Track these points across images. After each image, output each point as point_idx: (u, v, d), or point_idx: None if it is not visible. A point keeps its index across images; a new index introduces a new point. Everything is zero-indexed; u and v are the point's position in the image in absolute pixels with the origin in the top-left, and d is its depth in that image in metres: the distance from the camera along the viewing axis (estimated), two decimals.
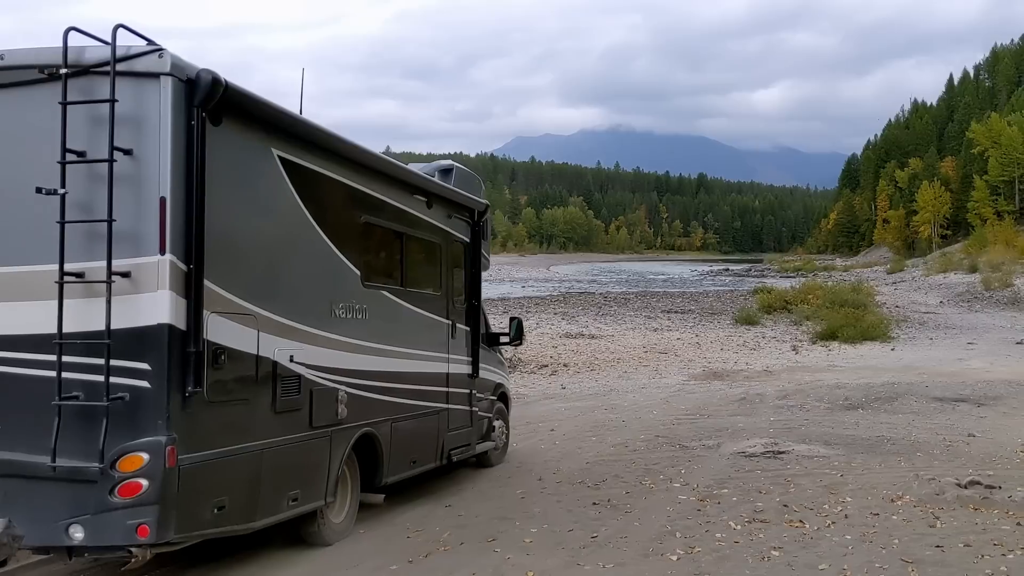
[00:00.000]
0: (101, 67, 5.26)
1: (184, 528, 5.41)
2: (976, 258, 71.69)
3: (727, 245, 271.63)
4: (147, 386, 5.21)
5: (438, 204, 8.99)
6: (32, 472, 5.24)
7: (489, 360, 10.48)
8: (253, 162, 6.06)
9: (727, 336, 30.84)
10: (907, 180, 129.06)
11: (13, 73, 5.44)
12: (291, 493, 6.42)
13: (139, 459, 5.15)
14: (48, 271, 5.26)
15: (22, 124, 5.51)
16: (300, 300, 6.55)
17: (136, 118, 5.25)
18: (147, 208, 5.23)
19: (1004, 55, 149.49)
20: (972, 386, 17.33)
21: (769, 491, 8.88)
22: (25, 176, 5.36)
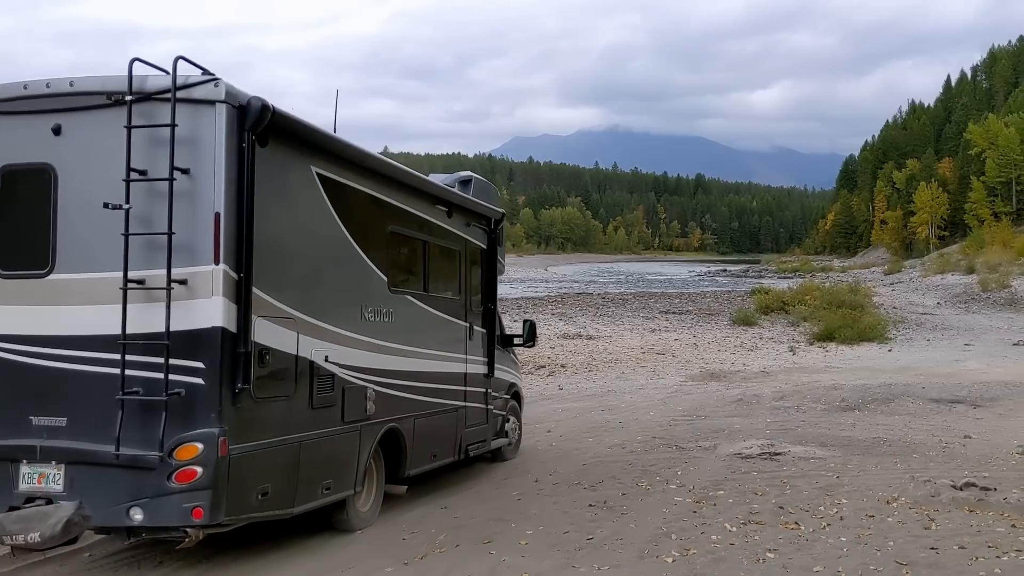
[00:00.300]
0: (162, 94, 5.84)
1: (233, 511, 5.92)
2: (973, 259, 71.84)
3: (725, 246, 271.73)
4: (201, 383, 5.77)
5: (458, 213, 9.50)
6: (97, 460, 5.77)
7: (504, 360, 10.95)
8: (294, 178, 6.62)
9: (724, 337, 30.87)
10: (905, 181, 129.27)
11: (82, 98, 6.01)
12: (325, 482, 6.93)
13: (194, 449, 5.70)
14: (113, 278, 5.85)
15: (90, 144, 6.05)
16: (334, 304, 7.08)
17: (193, 140, 5.82)
18: (203, 222, 5.80)
19: (1001, 56, 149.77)
20: (969, 387, 17.37)
21: (765, 493, 8.89)
22: (93, 192, 5.93)
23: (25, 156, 6.16)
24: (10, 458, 5.95)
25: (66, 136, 6.06)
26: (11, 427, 6.01)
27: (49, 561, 6.88)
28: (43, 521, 5.62)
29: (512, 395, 11.31)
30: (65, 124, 6.06)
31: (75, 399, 5.93)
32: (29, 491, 5.87)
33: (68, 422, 5.91)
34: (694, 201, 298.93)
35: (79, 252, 6.01)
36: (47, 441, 5.92)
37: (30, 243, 6.13)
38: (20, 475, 5.91)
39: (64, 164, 6.07)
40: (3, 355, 6.12)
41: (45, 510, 5.71)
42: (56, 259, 6.05)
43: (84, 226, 6.02)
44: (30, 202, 6.15)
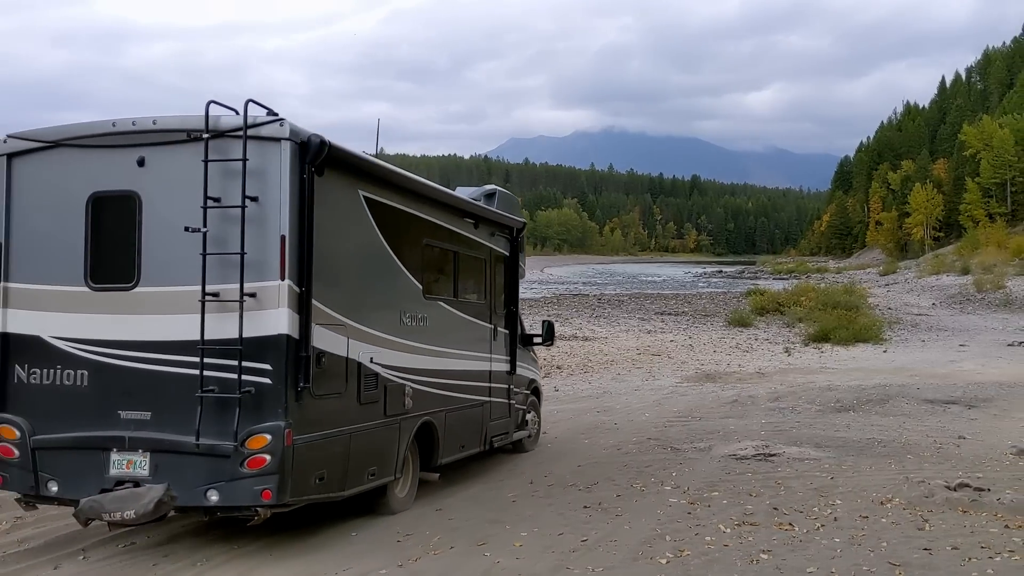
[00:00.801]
0: (234, 132, 6.67)
1: (296, 493, 6.72)
2: (968, 260, 71.98)
3: (720, 247, 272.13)
4: (269, 382, 6.57)
5: (483, 224, 10.36)
6: (179, 448, 6.61)
7: (524, 358, 11.74)
8: (345, 202, 7.43)
9: (720, 338, 30.91)
10: (899, 182, 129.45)
11: (164, 135, 6.88)
12: (370, 469, 7.72)
13: (264, 439, 6.52)
14: (191, 291, 6.67)
15: (170, 174, 6.91)
16: (377, 311, 7.91)
17: (261, 172, 6.64)
18: (270, 243, 6.60)
19: (996, 57, 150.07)
20: (963, 388, 17.40)
21: (759, 494, 8.90)
22: (173, 215, 6.80)
23: (113, 184, 7.00)
24: (102, 447, 6.79)
25: (149, 167, 6.92)
26: (102, 420, 6.84)
27: (45, 564, 6.89)
28: (137, 501, 6.42)
29: (532, 390, 12.03)
30: (148, 157, 6.91)
31: (158, 396, 6.78)
32: (119, 475, 6.72)
33: (152, 416, 6.77)
34: (690, 202, 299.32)
35: (161, 268, 6.87)
36: (134, 432, 6.76)
37: (117, 260, 6.97)
38: (111, 461, 6.77)
39: (147, 191, 6.91)
40: (94, 357, 6.93)
41: (139, 491, 6.51)
42: (141, 274, 6.90)
43: (165, 245, 6.87)
44: (117, 224, 6.98)
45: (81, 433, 6.86)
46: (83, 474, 6.80)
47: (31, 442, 6.92)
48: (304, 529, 7.82)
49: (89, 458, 6.81)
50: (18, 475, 6.98)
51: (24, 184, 7.20)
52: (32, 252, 7.17)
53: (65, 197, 7.09)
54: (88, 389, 6.94)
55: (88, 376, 6.94)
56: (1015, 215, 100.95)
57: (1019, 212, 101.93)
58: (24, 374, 7.07)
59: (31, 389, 7.04)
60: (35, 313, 7.09)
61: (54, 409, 6.96)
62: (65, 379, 6.98)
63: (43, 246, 7.15)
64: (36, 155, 7.21)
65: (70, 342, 6.99)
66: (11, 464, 6.97)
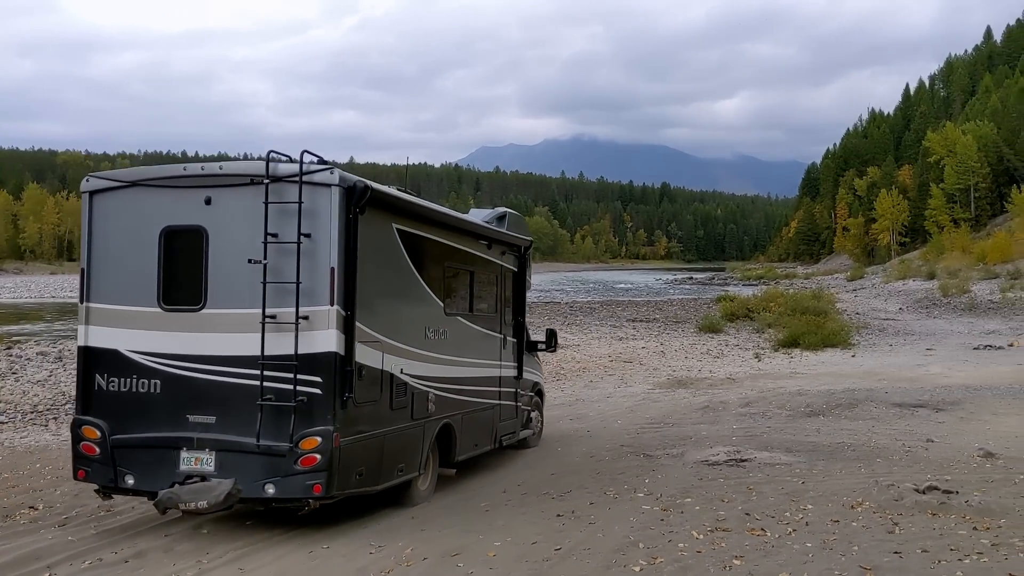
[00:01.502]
0: (290, 178, 7.66)
1: (340, 487, 7.68)
2: (934, 265, 72.98)
3: (690, 254, 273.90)
4: (319, 393, 7.56)
5: (495, 245, 11.36)
6: (241, 448, 7.57)
7: (530, 364, 12.77)
8: (382, 235, 8.38)
9: (691, 344, 31.05)
10: (866, 188, 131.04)
11: (229, 179, 7.95)
12: (400, 465, 8.68)
13: (315, 441, 7.49)
14: (254, 314, 7.62)
15: (233, 212, 7.88)
16: (406, 328, 8.85)
17: (313, 212, 7.61)
18: (321, 274, 7.60)
19: (958, 65, 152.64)
20: (931, 391, 17.61)
21: (732, 499, 8.92)
22: (235, 248, 7.79)
23: (183, 219, 8.00)
24: (173, 446, 7.76)
25: (215, 205, 7.90)
26: (173, 423, 7.80)
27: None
28: (210, 492, 7.35)
29: (536, 392, 13.07)
30: (215, 197, 7.90)
31: (222, 403, 7.74)
32: (188, 471, 7.68)
33: (217, 420, 7.72)
34: (660, 210, 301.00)
35: (224, 293, 7.86)
36: (201, 434, 7.72)
37: (187, 285, 7.97)
38: (181, 459, 7.73)
39: (213, 226, 7.90)
40: (165, 368, 7.92)
41: (210, 484, 7.44)
42: (207, 297, 7.89)
43: (228, 273, 7.84)
44: (186, 254, 7.98)
45: (154, 434, 7.86)
46: (156, 469, 7.77)
47: (110, 441, 7.94)
48: (276, 541, 7.74)
49: (161, 455, 7.80)
50: (99, 469, 7.99)
51: (103, 217, 8.25)
52: (110, 276, 8.21)
53: (140, 229, 8.11)
54: (160, 396, 7.93)
55: (160, 385, 7.94)
56: (979, 220, 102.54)
57: (982, 217, 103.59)
58: (104, 382, 8.09)
59: (110, 395, 8.05)
60: (113, 330, 8.11)
61: (130, 413, 7.97)
62: (140, 387, 7.99)
63: (120, 271, 8.18)
64: (114, 193, 8.27)
65: (144, 355, 8.01)
66: (93, 460, 8.00)
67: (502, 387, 11.50)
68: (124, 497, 8.58)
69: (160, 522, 8.30)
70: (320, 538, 7.83)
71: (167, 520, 8.25)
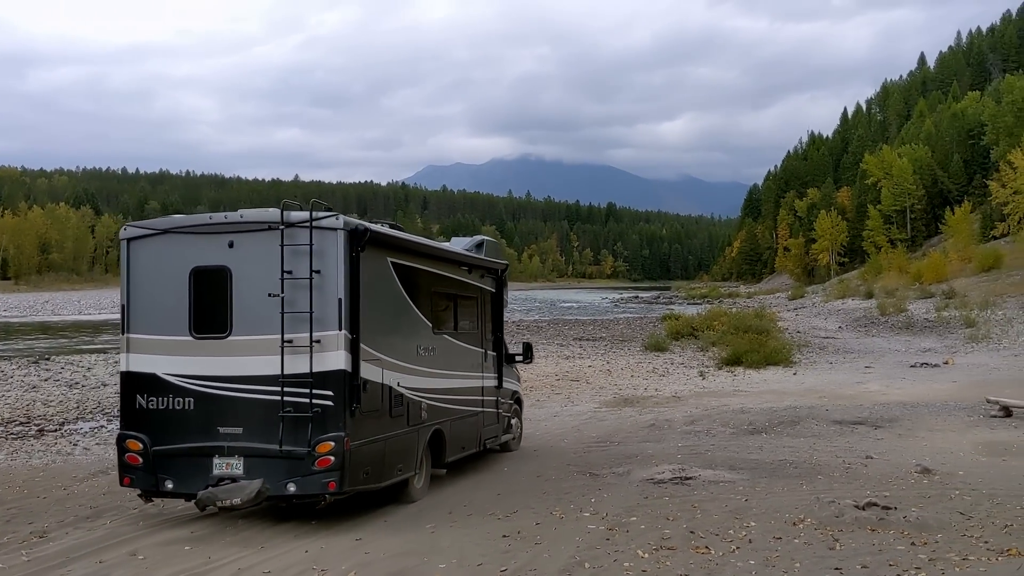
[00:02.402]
0: (302, 224, 8.86)
1: (351, 484, 8.82)
2: (872, 284, 74.68)
3: (636, 273, 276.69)
4: (331, 404, 8.71)
5: (475, 269, 12.66)
6: (266, 454, 8.74)
7: (509, 375, 13.95)
8: (379, 268, 9.55)
9: (637, 363, 31.22)
10: (806, 209, 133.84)
11: (249, 225, 9.13)
12: (399, 466, 9.81)
13: (329, 445, 8.64)
14: (272, 339, 8.81)
15: (253, 253, 9.07)
16: (401, 347, 10.01)
17: (322, 252, 8.80)
18: (330, 304, 8.77)
19: (894, 90, 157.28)
20: (870, 408, 17.94)
21: (676, 517, 8.96)
22: (255, 283, 8.96)
23: (210, 260, 9.18)
24: (207, 454, 8.92)
25: (237, 248, 9.10)
26: (206, 434, 8.97)
27: None
28: (243, 491, 8.52)
29: (515, 400, 14.32)
30: (236, 240, 9.11)
31: (248, 416, 8.90)
32: (220, 475, 8.83)
33: (244, 431, 8.88)
34: (606, 229, 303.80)
35: (247, 321, 9.01)
36: (231, 443, 8.87)
37: (214, 315, 9.10)
38: (214, 464, 8.90)
39: (236, 265, 9.09)
40: (198, 388, 9.06)
41: (243, 484, 8.60)
42: (232, 326, 9.06)
43: (250, 305, 9.00)
44: (214, 289, 9.11)
45: (190, 444, 9.00)
46: (192, 474, 8.91)
47: (151, 452, 9.07)
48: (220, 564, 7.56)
49: (197, 462, 8.94)
50: (142, 476, 9.16)
51: (139, 260, 9.45)
52: (147, 310, 9.37)
53: (173, 269, 9.27)
54: (194, 412, 9.05)
55: (194, 402, 9.07)
56: (914, 241, 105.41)
57: (918, 238, 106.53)
58: (144, 401, 9.22)
59: (150, 413, 9.17)
60: (151, 356, 9.25)
61: (168, 427, 9.09)
62: (176, 405, 9.11)
63: (156, 306, 9.34)
64: (149, 239, 9.45)
65: (179, 377, 9.13)
66: (137, 468, 9.16)
67: (484, 396, 12.69)
68: None
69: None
70: (258, 562, 7.66)
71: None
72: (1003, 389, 20.45)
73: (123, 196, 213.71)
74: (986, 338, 37.38)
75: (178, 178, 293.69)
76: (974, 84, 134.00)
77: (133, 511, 10.02)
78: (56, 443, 15.72)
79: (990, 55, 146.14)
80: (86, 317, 65.42)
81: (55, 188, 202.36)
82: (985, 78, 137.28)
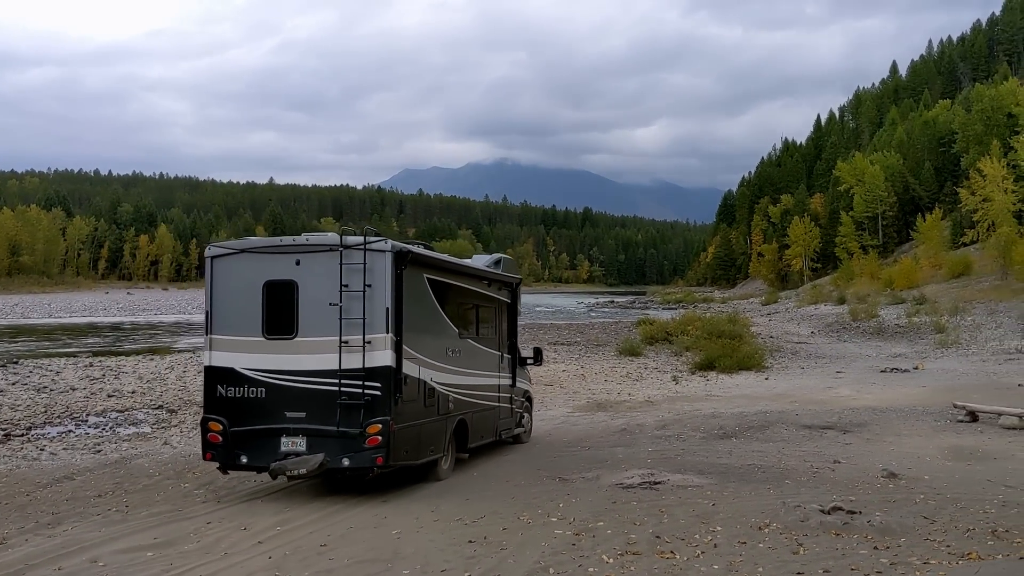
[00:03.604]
0: (357, 247, 10.55)
1: (394, 460, 10.48)
2: (844, 290, 75.27)
3: (612, 277, 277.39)
4: (379, 394, 10.41)
5: (493, 283, 14.48)
6: (325, 434, 10.41)
7: (521, 375, 15.67)
8: (416, 283, 11.30)
9: (611, 367, 31.28)
10: (779, 215, 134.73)
11: (313, 247, 10.88)
12: (431, 447, 11.58)
13: (377, 427, 10.31)
14: (333, 340, 10.46)
15: (316, 269, 10.70)
16: (433, 348, 11.68)
17: (372, 269, 10.50)
18: (378, 311, 10.46)
19: (866, 98, 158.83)
20: (839, 413, 18.08)
21: (643, 522, 8.97)
22: (317, 294, 10.62)
23: (279, 275, 10.85)
24: (276, 434, 10.56)
25: (303, 265, 10.81)
26: (275, 417, 10.61)
27: None
28: (308, 463, 10.17)
29: (526, 398, 16.03)
30: (302, 259, 10.83)
31: (310, 402, 10.55)
32: (287, 451, 10.47)
33: (307, 415, 10.53)
34: (582, 234, 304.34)
35: (310, 325, 10.67)
36: (295, 425, 10.53)
37: (283, 320, 10.78)
38: (281, 443, 10.53)
39: (301, 280, 10.78)
40: (269, 380, 10.72)
41: (307, 457, 10.26)
42: (298, 329, 10.72)
43: (313, 312, 10.65)
44: (282, 299, 10.79)
45: (262, 426, 10.63)
46: (263, 450, 10.53)
47: (230, 432, 10.70)
48: None
49: (267, 441, 10.57)
50: (221, 452, 10.79)
51: (221, 275, 11.17)
52: (226, 316, 11.04)
53: (249, 282, 10.95)
54: (265, 399, 10.71)
55: (265, 391, 10.73)
56: (886, 247, 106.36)
57: (890, 244, 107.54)
58: (224, 390, 10.88)
59: (228, 400, 10.84)
60: (230, 353, 10.92)
61: (243, 411, 10.74)
62: (250, 393, 10.78)
63: (234, 312, 10.99)
64: (229, 257, 11.23)
65: (253, 371, 10.80)
66: (217, 446, 10.78)
67: (500, 393, 14.38)
68: None
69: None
70: (221, 569, 7.57)
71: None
72: (971, 394, 20.68)
73: (95, 198, 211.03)
74: (955, 343, 37.81)
75: (152, 180, 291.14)
76: (945, 92, 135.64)
77: (96, 517, 9.90)
78: (23, 448, 15.50)
79: (960, 64, 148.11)
80: (56, 320, 64.63)
81: (26, 190, 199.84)
82: (956, 87, 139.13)
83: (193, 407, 21.18)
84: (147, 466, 13.66)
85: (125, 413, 20.09)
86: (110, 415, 19.80)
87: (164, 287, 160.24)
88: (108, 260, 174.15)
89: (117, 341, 45.39)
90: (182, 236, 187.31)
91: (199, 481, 12.15)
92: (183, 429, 18.07)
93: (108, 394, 22.85)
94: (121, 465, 13.82)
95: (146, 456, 14.70)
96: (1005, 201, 69.17)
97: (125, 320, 67.03)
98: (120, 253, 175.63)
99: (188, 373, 27.67)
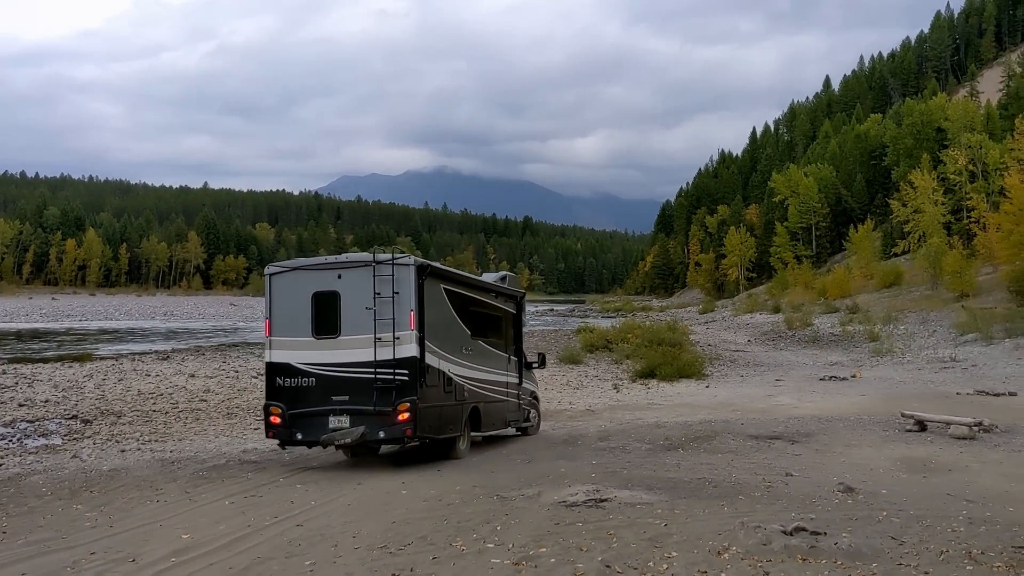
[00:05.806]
0: (386, 263, 12.87)
1: (421, 432, 12.74)
2: (779, 299, 76.07)
3: (552, 286, 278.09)
4: (407, 379, 12.63)
5: (500, 295, 16.76)
6: (365, 412, 12.71)
7: (528, 377, 17.95)
8: (435, 291, 13.46)
9: (552, 375, 30.48)
10: (716, 226, 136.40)
11: (352, 263, 13.25)
12: (450, 426, 13.68)
13: (406, 405, 12.56)
14: (369, 337, 12.76)
15: (355, 282, 12.97)
16: (450, 345, 13.79)
17: (400, 280, 12.78)
18: (405, 313, 12.72)
19: (800, 111, 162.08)
20: (784, 423, 17.50)
21: (591, 548, 8.02)
22: (357, 301, 12.87)
23: (325, 287, 13.14)
24: (324, 414, 12.83)
25: (344, 278, 13.07)
26: (323, 401, 12.87)
27: None
28: (352, 434, 12.55)
29: (533, 397, 18.08)
30: (343, 273, 13.12)
31: (352, 388, 12.80)
32: (334, 427, 12.74)
33: (349, 398, 12.77)
34: (522, 243, 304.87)
35: (351, 326, 12.88)
36: (340, 406, 12.79)
37: (329, 323, 13.03)
38: (329, 420, 12.80)
39: (343, 290, 13.02)
40: (318, 371, 12.96)
41: (351, 429, 12.59)
42: (341, 329, 12.96)
43: (353, 315, 12.87)
44: (328, 306, 13.05)
45: (313, 408, 12.88)
46: (315, 428, 12.78)
47: (287, 414, 12.95)
48: None
49: (318, 419, 12.82)
50: (281, 431, 13.05)
51: (277, 289, 13.44)
52: (283, 321, 13.28)
53: (300, 293, 13.22)
54: (315, 387, 12.95)
55: (315, 381, 12.97)
56: (819, 257, 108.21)
57: (823, 254, 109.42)
58: (281, 381, 13.14)
59: (285, 388, 13.10)
60: (286, 351, 13.17)
61: (298, 397, 12.97)
62: (303, 383, 13.01)
63: (289, 317, 13.22)
64: (284, 274, 13.51)
65: (305, 364, 13.02)
66: (279, 426, 13.03)
67: (508, 389, 16.49)
68: None
69: None
70: None
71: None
72: (911, 403, 20.39)
73: (21, 201, 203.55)
74: (890, 352, 37.98)
75: (81, 184, 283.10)
76: (876, 107, 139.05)
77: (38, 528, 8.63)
78: None
79: (891, 80, 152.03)
80: None
81: None
82: (886, 101, 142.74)
83: (110, 417, 19.76)
84: (41, 484, 12.35)
85: (35, 424, 18.61)
86: (18, 425, 18.33)
87: (92, 292, 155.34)
88: (33, 265, 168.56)
89: (34, 347, 43.11)
90: (112, 241, 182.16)
91: (94, 503, 10.89)
92: (96, 441, 16.77)
93: (19, 403, 21.36)
94: (12, 483, 12.49)
95: (45, 472, 13.40)
96: (935, 213, 70.63)
97: (48, 326, 64.18)
98: (46, 258, 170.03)
99: (108, 381, 26.11)
